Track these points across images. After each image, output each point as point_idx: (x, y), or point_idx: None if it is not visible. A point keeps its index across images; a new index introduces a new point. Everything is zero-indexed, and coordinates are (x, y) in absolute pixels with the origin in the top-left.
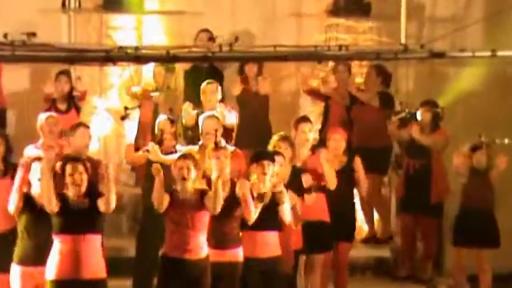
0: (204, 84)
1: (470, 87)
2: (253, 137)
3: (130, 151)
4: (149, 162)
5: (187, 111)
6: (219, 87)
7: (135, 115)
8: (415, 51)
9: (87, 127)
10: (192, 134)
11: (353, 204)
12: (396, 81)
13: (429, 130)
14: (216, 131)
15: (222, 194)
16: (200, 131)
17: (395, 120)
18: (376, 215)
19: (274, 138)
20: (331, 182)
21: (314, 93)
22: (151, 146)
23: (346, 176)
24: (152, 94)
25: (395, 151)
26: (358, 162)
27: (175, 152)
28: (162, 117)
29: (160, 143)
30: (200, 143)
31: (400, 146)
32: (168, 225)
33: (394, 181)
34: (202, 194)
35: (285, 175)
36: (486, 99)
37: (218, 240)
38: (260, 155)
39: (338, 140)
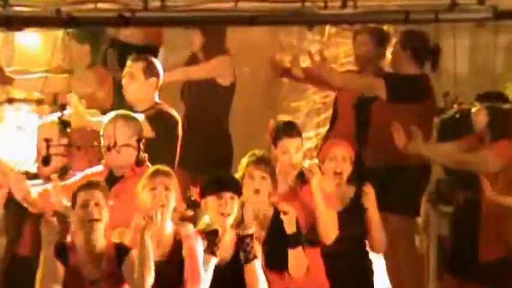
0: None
1: None
2: (196, 154)
3: None
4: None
5: (75, 107)
6: (157, 72)
7: (5, 115)
8: (469, 9)
9: None
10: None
11: (368, 263)
12: None
13: (489, 140)
14: (138, 141)
15: (157, 253)
16: (102, 142)
17: (437, 122)
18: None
19: (244, 161)
20: (328, 232)
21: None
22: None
23: (354, 218)
24: (30, 76)
25: (438, 176)
26: (368, 193)
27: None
28: (45, 119)
29: (46, 161)
30: (103, 161)
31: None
32: None
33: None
34: (119, 252)
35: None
36: None
37: None
38: (218, 183)
39: (339, 158)
